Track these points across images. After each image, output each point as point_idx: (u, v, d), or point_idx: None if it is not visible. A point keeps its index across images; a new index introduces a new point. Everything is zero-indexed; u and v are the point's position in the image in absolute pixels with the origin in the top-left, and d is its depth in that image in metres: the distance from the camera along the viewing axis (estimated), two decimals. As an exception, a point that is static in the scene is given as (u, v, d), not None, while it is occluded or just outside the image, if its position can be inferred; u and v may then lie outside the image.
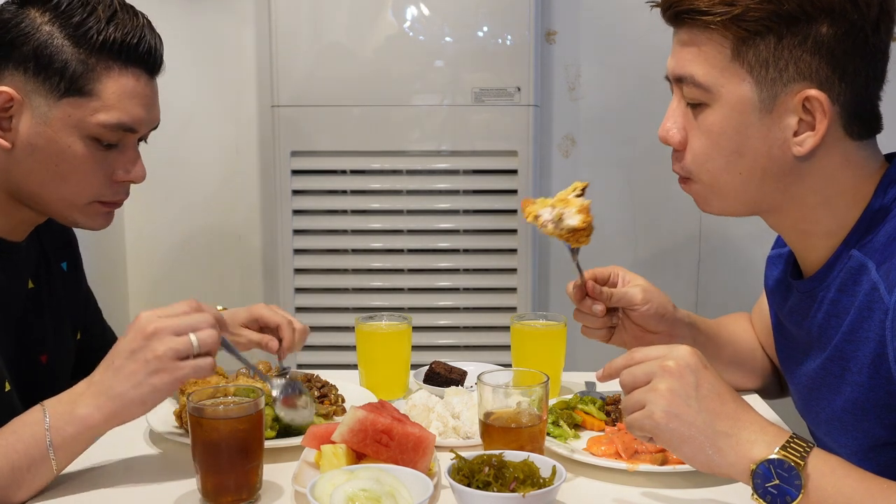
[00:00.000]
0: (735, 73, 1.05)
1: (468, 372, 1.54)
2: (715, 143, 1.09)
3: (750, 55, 1.04)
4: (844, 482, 0.92)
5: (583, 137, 2.61)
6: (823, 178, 1.08)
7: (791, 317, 1.23)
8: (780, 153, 1.07)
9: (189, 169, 2.64)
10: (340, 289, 2.45)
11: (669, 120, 1.14)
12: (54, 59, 1.18)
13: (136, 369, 1.10)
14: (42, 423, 1.09)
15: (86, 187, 1.25)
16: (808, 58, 1.02)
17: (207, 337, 1.12)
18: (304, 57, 2.34)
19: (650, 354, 1.02)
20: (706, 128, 1.10)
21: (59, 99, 1.20)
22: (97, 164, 1.24)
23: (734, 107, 1.07)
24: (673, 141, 1.14)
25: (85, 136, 1.22)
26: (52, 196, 1.25)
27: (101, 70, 1.21)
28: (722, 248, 2.61)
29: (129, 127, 1.24)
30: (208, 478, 1.10)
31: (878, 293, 1.03)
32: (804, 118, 1.05)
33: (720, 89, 1.07)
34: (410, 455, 1.09)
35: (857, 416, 1.09)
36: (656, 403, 0.98)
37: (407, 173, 2.39)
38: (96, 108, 1.21)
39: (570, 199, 1.27)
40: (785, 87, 1.04)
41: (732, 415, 0.98)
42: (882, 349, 1.02)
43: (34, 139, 1.21)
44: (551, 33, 2.56)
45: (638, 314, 1.38)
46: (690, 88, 1.09)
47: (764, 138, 1.07)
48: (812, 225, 1.12)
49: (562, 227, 1.25)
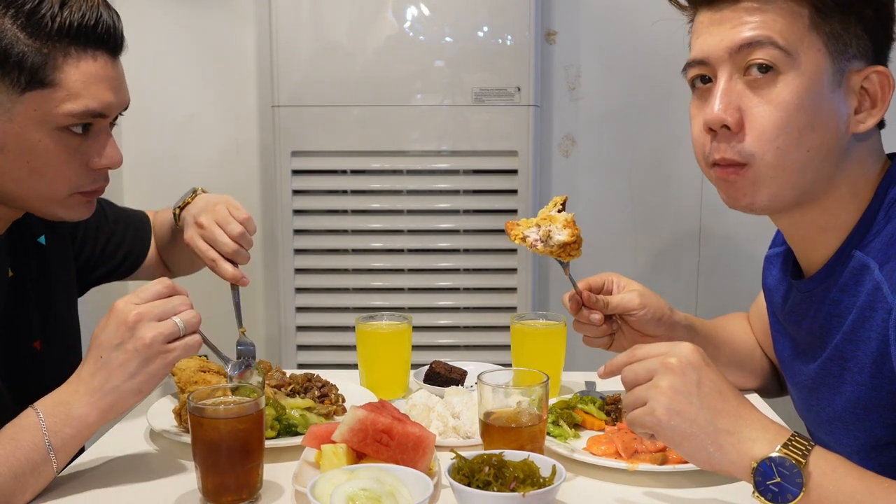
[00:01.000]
0: (813, 42, 1.05)
1: (468, 372, 1.55)
2: (789, 117, 1.04)
3: (826, 27, 1.04)
4: (845, 481, 0.92)
5: (583, 137, 2.61)
6: (859, 166, 1.10)
7: (791, 317, 1.23)
8: (844, 130, 1.07)
9: (189, 169, 2.64)
10: (341, 289, 2.45)
11: (724, 100, 1.06)
12: (10, 54, 1.13)
13: (126, 360, 1.11)
14: (39, 427, 1.09)
15: (63, 180, 1.22)
16: (866, 38, 1.06)
17: (191, 318, 1.14)
18: (305, 57, 2.34)
19: (652, 352, 1.02)
20: (779, 100, 1.04)
21: (21, 94, 1.15)
22: (70, 154, 1.21)
23: (812, 77, 1.04)
24: (732, 121, 1.06)
25: (53, 128, 1.17)
26: (30, 193, 1.22)
27: (60, 58, 1.15)
28: (721, 248, 2.61)
29: (98, 113, 1.20)
30: (209, 477, 1.10)
31: (881, 293, 1.03)
32: (862, 98, 1.07)
33: (800, 56, 1.04)
34: (411, 455, 1.10)
35: (859, 416, 1.09)
36: (658, 400, 0.98)
37: (407, 173, 2.39)
38: (61, 99, 1.16)
39: (552, 215, 1.28)
40: (849, 63, 1.06)
41: (734, 412, 0.97)
42: (885, 349, 1.02)
43: (1, 138, 1.17)
44: (551, 33, 2.56)
45: (635, 319, 1.38)
46: (768, 50, 1.04)
47: (833, 113, 1.06)
48: (832, 219, 1.11)
49: (552, 245, 1.27)
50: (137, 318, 1.11)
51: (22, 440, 1.08)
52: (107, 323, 1.12)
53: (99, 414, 1.12)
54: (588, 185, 2.61)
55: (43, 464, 1.09)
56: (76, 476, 1.18)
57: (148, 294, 1.14)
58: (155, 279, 1.17)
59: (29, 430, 1.09)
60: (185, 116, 2.61)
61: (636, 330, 1.40)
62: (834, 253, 1.11)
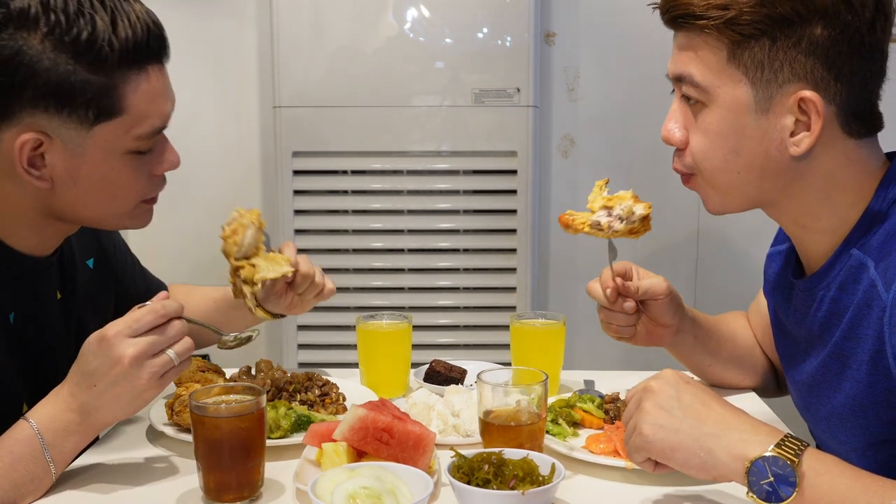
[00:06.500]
0: (731, 75, 1.07)
1: (468, 370, 1.55)
2: (713, 143, 1.11)
3: (745, 57, 1.05)
4: (839, 480, 0.93)
5: (582, 138, 2.62)
6: (823, 177, 1.09)
7: (792, 315, 1.24)
8: (777, 153, 1.08)
9: (191, 169, 2.63)
10: (341, 288, 2.45)
11: (671, 120, 1.16)
12: (75, 92, 1.10)
13: (120, 393, 1.10)
14: (37, 439, 1.09)
15: (133, 195, 1.22)
16: (802, 59, 1.03)
17: (185, 350, 1.13)
18: (306, 58, 2.35)
19: (635, 388, 1.08)
20: (704, 127, 1.11)
21: (90, 128, 1.13)
22: (138, 170, 1.20)
23: (730, 108, 1.08)
24: (675, 140, 1.15)
25: (123, 153, 1.17)
26: (101, 214, 1.22)
27: (121, 86, 1.13)
28: (720, 247, 2.62)
29: (162, 127, 1.20)
30: (210, 476, 1.11)
31: (876, 290, 1.04)
32: (801, 118, 1.05)
33: (717, 90, 1.08)
34: (411, 453, 1.10)
35: (857, 414, 1.10)
36: (642, 420, 1.03)
37: (407, 173, 2.40)
38: (129, 124, 1.15)
39: (618, 195, 1.27)
40: (780, 88, 1.05)
41: (719, 419, 1.00)
42: (881, 346, 1.03)
43: (73, 171, 1.15)
44: (550, 35, 2.57)
45: (658, 305, 1.39)
46: (689, 88, 1.11)
47: (760, 139, 1.08)
48: (813, 220, 1.13)
49: (633, 220, 1.25)
50: (134, 358, 1.08)
51: (22, 454, 1.08)
52: (99, 352, 1.09)
53: (95, 432, 1.14)
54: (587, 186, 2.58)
55: (43, 474, 1.10)
56: (77, 476, 1.19)
57: (141, 325, 1.10)
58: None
59: (27, 445, 1.09)
60: (187, 117, 2.61)
61: (651, 319, 1.41)
62: (833, 251, 1.12)
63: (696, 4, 1.06)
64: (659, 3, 1.13)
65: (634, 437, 1.04)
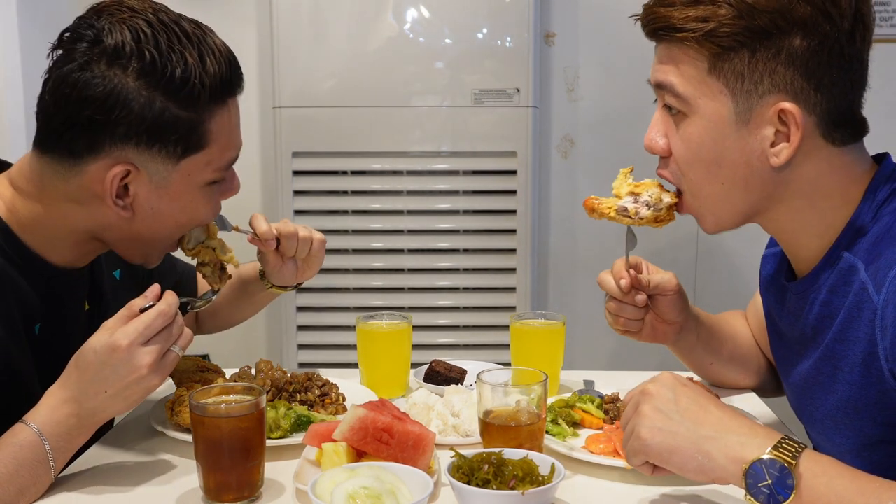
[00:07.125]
0: (711, 86, 1.07)
1: (468, 370, 1.55)
2: (695, 153, 1.11)
3: (725, 69, 1.06)
4: (836, 482, 0.93)
5: (581, 138, 2.62)
6: (807, 184, 1.09)
7: (786, 318, 1.24)
8: (758, 164, 1.08)
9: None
10: (341, 288, 2.46)
11: (654, 129, 1.16)
12: (167, 129, 1.12)
13: (129, 395, 1.12)
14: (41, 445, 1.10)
15: (200, 223, 1.24)
16: (782, 70, 1.04)
17: (188, 342, 1.16)
18: (305, 58, 2.35)
19: (633, 391, 1.08)
20: (686, 137, 1.11)
21: (177, 162, 1.15)
22: (212, 199, 1.23)
23: (710, 119, 1.08)
24: (657, 148, 1.15)
25: (203, 184, 1.19)
26: (167, 241, 1.24)
27: (207, 121, 1.15)
28: (718, 247, 2.62)
29: (237, 158, 1.22)
30: (210, 476, 1.11)
31: (867, 293, 1.04)
32: (781, 129, 1.06)
33: (697, 101, 1.08)
34: (410, 453, 1.10)
35: (851, 415, 1.10)
36: (640, 424, 1.03)
37: (407, 174, 2.40)
38: (211, 157, 1.17)
39: (644, 182, 1.26)
40: (760, 99, 1.05)
41: (716, 422, 1.00)
42: (873, 348, 1.03)
43: (155, 203, 1.17)
44: (550, 35, 2.57)
45: (666, 301, 1.40)
46: (670, 97, 1.11)
47: (741, 150, 1.08)
48: (800, 226, 1.13)
49: (660, 207, 1.24)
50: (152, 368, 1.10)
51: (24, 459, 1.09)
52: (113, 362, 1.09)
53: (97, 426, 1.15)
54: (586, 186, 2.62)
55: (45, 475, 1.11)
56: (77, 476, 1.19)
57: (153, 331, 1.11)
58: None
59: (31, 450, 1.09)
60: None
61: (657, 315, 1.41)
62: (824, 255, 1.13)
63: (675, 17, 1.06)
64: (640, 15, 1.13)
65: (632, 440, 1.04)
